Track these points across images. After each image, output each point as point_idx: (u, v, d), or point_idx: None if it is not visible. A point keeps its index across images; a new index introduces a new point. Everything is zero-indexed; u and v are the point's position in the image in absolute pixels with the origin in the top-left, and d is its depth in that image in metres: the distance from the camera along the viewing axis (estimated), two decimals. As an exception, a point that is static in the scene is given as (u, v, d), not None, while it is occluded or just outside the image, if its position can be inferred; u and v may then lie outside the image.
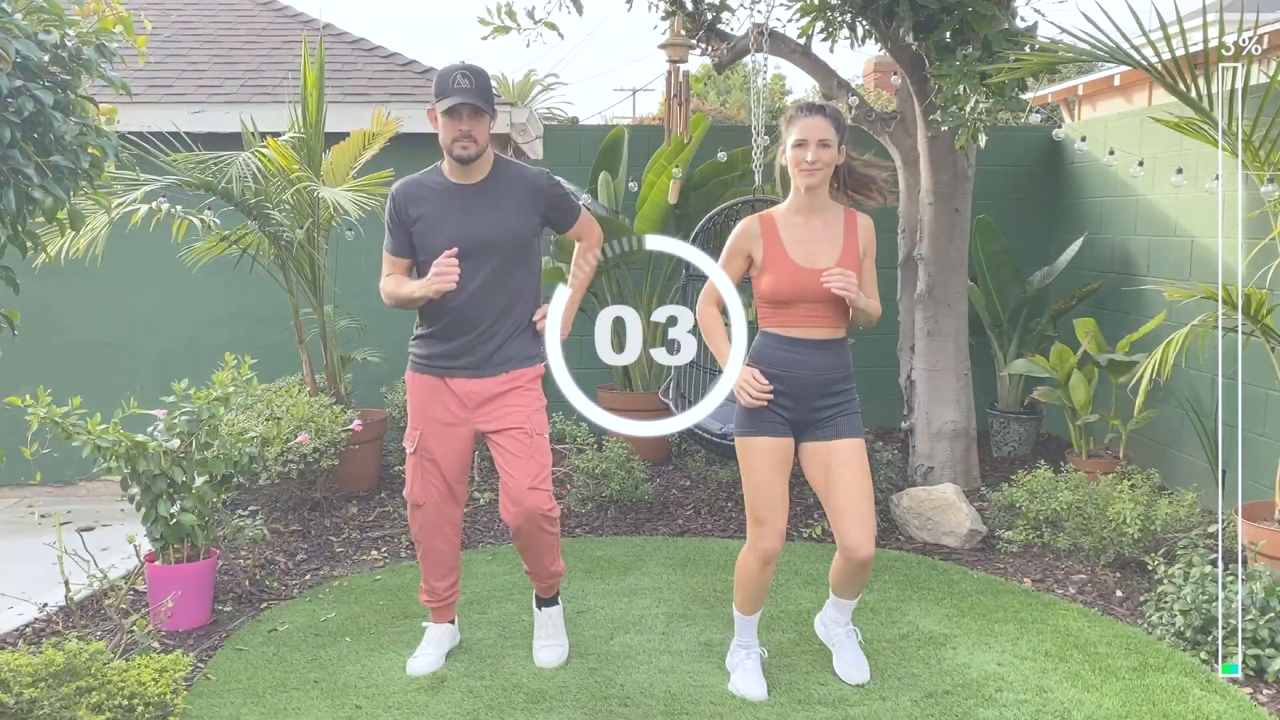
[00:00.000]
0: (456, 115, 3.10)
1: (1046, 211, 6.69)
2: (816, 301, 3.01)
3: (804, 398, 3.05)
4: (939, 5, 4.49)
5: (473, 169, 3.20)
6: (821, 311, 3.03)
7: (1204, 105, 3.81)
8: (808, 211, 3.06)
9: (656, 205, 5.68)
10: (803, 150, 2.98)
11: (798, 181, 3.03)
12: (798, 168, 3.00)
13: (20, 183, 2.74)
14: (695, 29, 5.72)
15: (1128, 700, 3.10)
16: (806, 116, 2.99)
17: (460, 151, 3.13)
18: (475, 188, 3.21)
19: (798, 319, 3.04)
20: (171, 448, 3.68)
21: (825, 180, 3.03)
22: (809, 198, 3.05)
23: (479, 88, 3.11)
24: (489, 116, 3.16)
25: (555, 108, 20.15)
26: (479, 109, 3.11)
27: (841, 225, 3.08)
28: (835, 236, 3.05)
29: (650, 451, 5.84)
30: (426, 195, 3.22)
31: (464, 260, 3.13)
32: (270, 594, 4.06)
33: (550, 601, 3.50)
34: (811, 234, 3.05)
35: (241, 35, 7.39)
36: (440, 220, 3.18)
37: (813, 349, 3.04)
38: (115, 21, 2.99)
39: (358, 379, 6.14)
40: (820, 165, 2.98)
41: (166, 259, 5.88)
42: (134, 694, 2.76)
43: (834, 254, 3.03)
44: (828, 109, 3.03)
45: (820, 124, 2.97)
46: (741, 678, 3.19)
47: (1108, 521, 4.10)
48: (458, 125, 3.11)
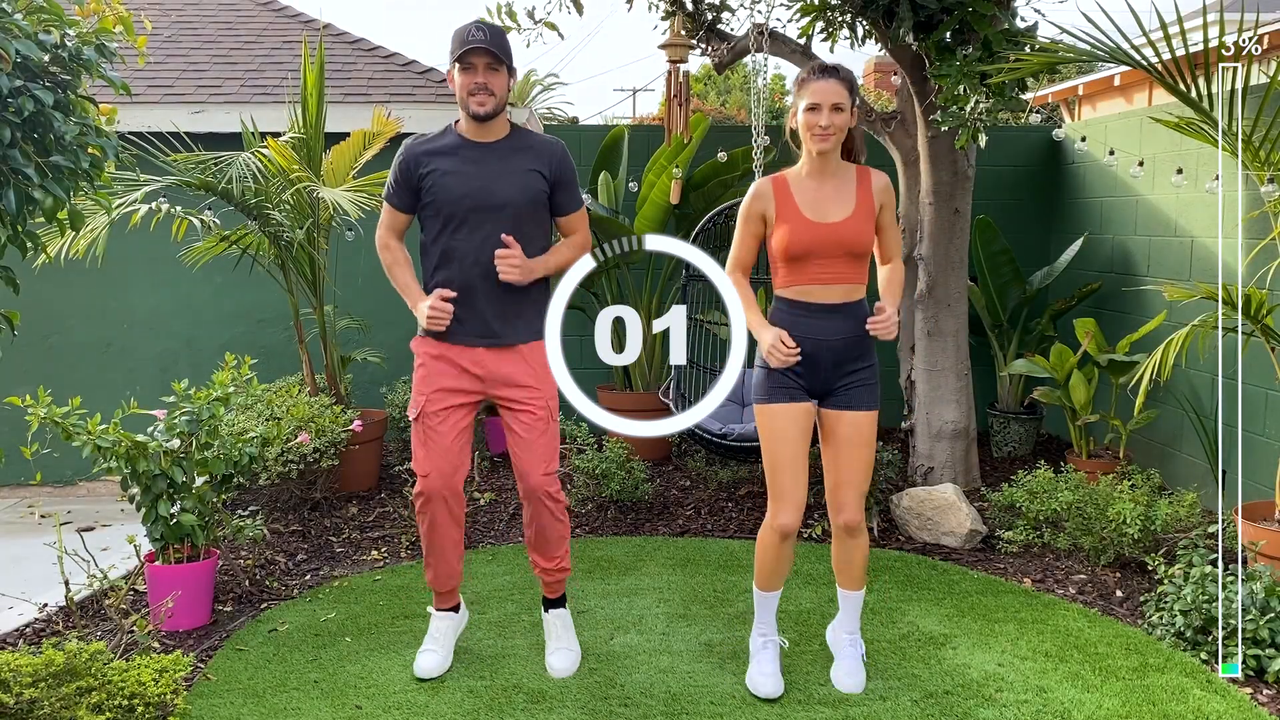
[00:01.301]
0: (472, 67, 3.04)
1: (1046, 211, 6.69)
2: (832, 256, 2.97)
3: (822, 366, 3.02)
4: (939, 5, 4.49)
5: (489, 128, 3.14)
6: (838, 267, 2.99)
7: (1204, 105, 3.82)
8: (820, 175, 3.02)
9: (656, 205, 5.69)
10: (816, 114, 2.92)
11: (810, 146, 2.97)
12: (810, 132, 2.94)
13: (20, 183, 2.74)
14: (695, 29, 5.72)
15: (1128, 700, 3.10)
16: (819, 79, 2.94)
17: (476, 107, 3.06)
18: (491, 145, 3.16)
19: (813, 275, 2.99)
20: (171, 448, 3.68)
21: (838, 145, 2.99)
22: (821, 162, 3.01)
23: (494, 39, 3.06)
24: (507, 72, 3.11)
25: (555, 108, 20.14)
26: (495, 60, 3.05)
27: (854, 183, 3.04)
28: (848, 194, 3.01)
29: (650, 451, 5.85)
30: (439, 150, 3.16)
31: (477, 217, 3.10)
32: (270, 594, 4.06)
33: (557, 603, 3.48)
34: (824, 194, 3.01)
35: (241, 35, 7.39)
36: (454, 174, 3.12)
37: (830, 314, 3.00)
38: (115, 21, 2.99)
39: (358, 379, 6.15)
40: (834, 130, 2.93)
41: (166, 259, 5.88)
42: (134, 694, 2.76)
43: (846, 209, 2.99)
44: (841, 71, 2.97)
45: (834, 87, 2.92)
46: (755, 671, 3.20)
47: (1108, 522, 4.10)
48: (473, 77, 3.05)
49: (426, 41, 61.52)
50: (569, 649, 3.38)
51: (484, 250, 3.12)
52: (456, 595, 3.48)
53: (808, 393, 3.07)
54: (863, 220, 3.00)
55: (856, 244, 2.99)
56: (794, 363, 2.98)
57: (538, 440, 3.24)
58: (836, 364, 3.03)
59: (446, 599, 3.44)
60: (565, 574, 3.46)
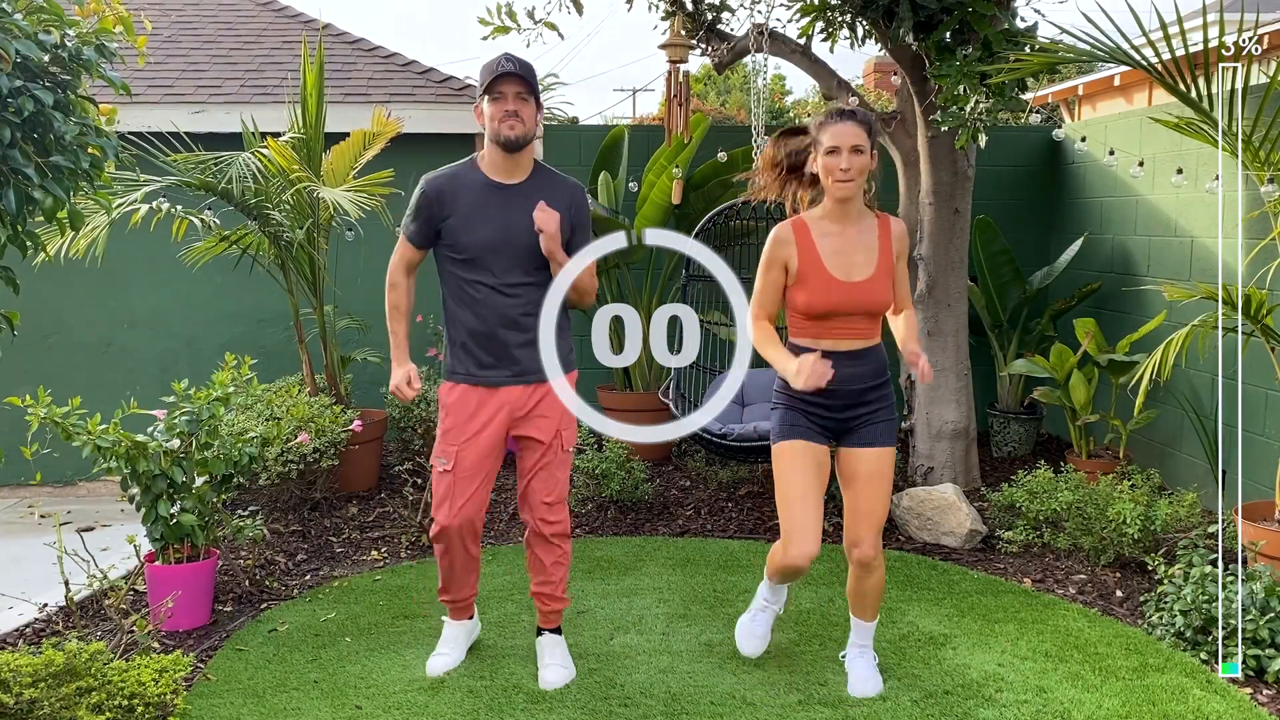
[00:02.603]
0: (502, 96, 3.03)
1: (1046, 211, 6.69)
2: (853, 315, 2.96)
3: (838, 408, 3.02)
4: (939, 5, 4.49)
5: (515, 164, 3.12)
6: (857, 324, 2.98)
7: (1204, 105, 3.82)
8: (841, 220, 2.99)
9: (656, 205, 5.69)
10: (836, 158, 2.89)
11: (832, 192, 2.94)
12: (831, 177, 2.91)
13: (20, 183, 2.74)
14: (695, 29, 5.72)
15: (1128, 700, 3.10)
16: (838, 123, 2.90)
17: (507, 131, 3.04)
18: (514, 188, 3.14)
19: (832, 332, 2.99)
20: (171, 448, 3.67)
21: (859, 190, 2.95)
22: (843, 208, 2.97)
23: (524, 70, 3.06)
24: (535, 103, 3.10)
25: (555, 108, 20.12)
26: (525, 88, 3.05)
27: (875, 233, 3.01)
28: (870, 245, 2.99)
29: (650, 452, 5.85)
30: (462, 192, 3.13)
31: (499, 260, 3.10)
32: (270, 594, 4.06)
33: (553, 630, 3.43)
34: (846, 243, 2.98)
35: (241, 35, 7.39)
36: (476, 218, 3.11)
37: (847, 360, 2.98)
38: (115, 21, 2.99)
39: (358, 379, 6.14)
40: (854, 173, 2.90)
41: (166, 259, 5.88)
42: (134, 694, 2.76)
43: (870, 264, 2.97)
44: (859, 114, 2.93)
45: (852, 129, 2.89)
46: (745, 624, 3.34)
47: (1108, 522, 4.10)
48: (504, 106, 3.04)
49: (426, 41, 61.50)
50: (562, 665, 3.32)
51: (506, 292, 3.12)
52: (472, 608, 3.49)
53: (825, 432, 3.06)
54: (884, 279, 2.99)
55: (877, 304, 2.99)
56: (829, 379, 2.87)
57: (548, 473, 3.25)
58: (853, 400, 3.03)
59: (461, 612, 3.45)
60: (562, 605, 3.40)
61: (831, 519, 4.81)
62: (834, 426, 3.06)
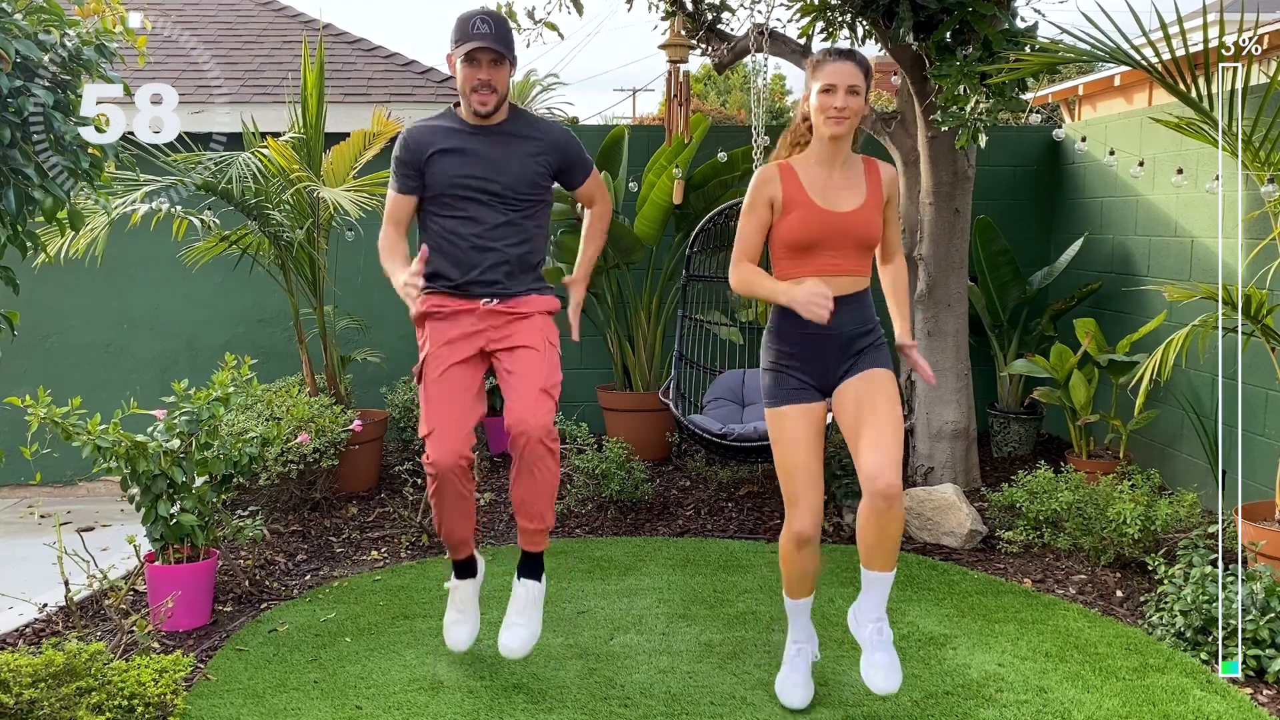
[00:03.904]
0: (476, 62, 3.05)
1: (1046, 211, 6.69)
2: (841, 247, 2.88)
3: (829, 357, 2.92)
4: (939, 5, 4.49)
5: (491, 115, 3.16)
6: (845, 259, 2.89)
7: (1204, 105, 3.81)
8: (829, 163, 2.91)
9: (656, 205, 5.69)
10: (831, 96, 2.82)
11: (824, 130, 2.86)
12: (825, 114, 2.82)
13: (20, 183, 2.74)
14: (695, 29, 5.72)
15: (1128, 701, 3.10)
16: (835, 61, 2.84)
17: (479, 105, 3.09)
18: (493, 128, 3.17)
19: (820, 266, 2.88)
20: (171, 448, 3.67)
21: (852, 130, 2.89)
22: (833, 148, 2.88)
23: (499, 34, 3.06)
24: (509, 65, 3.12)
25: (555, 108, 20.10)
26: (499, 56, 3.06)
27: (863, 174, 2.95)
28: (858, 184, 2.92)
29: (650, 452, 5.85)
30: (441, 132, 3.17)
31: (475, 200, 3.12)
32: (270, 594, 4.06)
33: (533, 572, 3.25)
34: (833, 180, 2.91)
35: (241, 35, 7.39)
36: (457, 155, 3.13)
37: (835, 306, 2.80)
38: (115, 22, 2.99)
39: (358, 379, 6.14)
40: (849, 112, 2.83)
41: (166, 259, 5.89)
42: (134, 694, 2.76)
43: (857, 199, 2.89)
44: (856, 55, 2.87)
45: (849, 69, 2.83)
46: (784, 678, 3.11)
47: (1108, 522, 4.09)
48: (476, 74, 3.06)
49: (426, 41, 61.45)
50: (526, 626, 3.17)
51: (483, 233, 3.14)
52: (471, 547, 3.34)
53: (818, 390, 2.97)
54: (873, 211, 2.92)
55: (866, 235, 2.90)
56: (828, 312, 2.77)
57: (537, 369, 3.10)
58: (842, 351, 2.93)
59: (461, 550, 3.33)
60: (547, 529, 3.22)
61: (831, 519, 4.81)
62: (828, 380, 2.96)
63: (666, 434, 5.86)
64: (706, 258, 5.78)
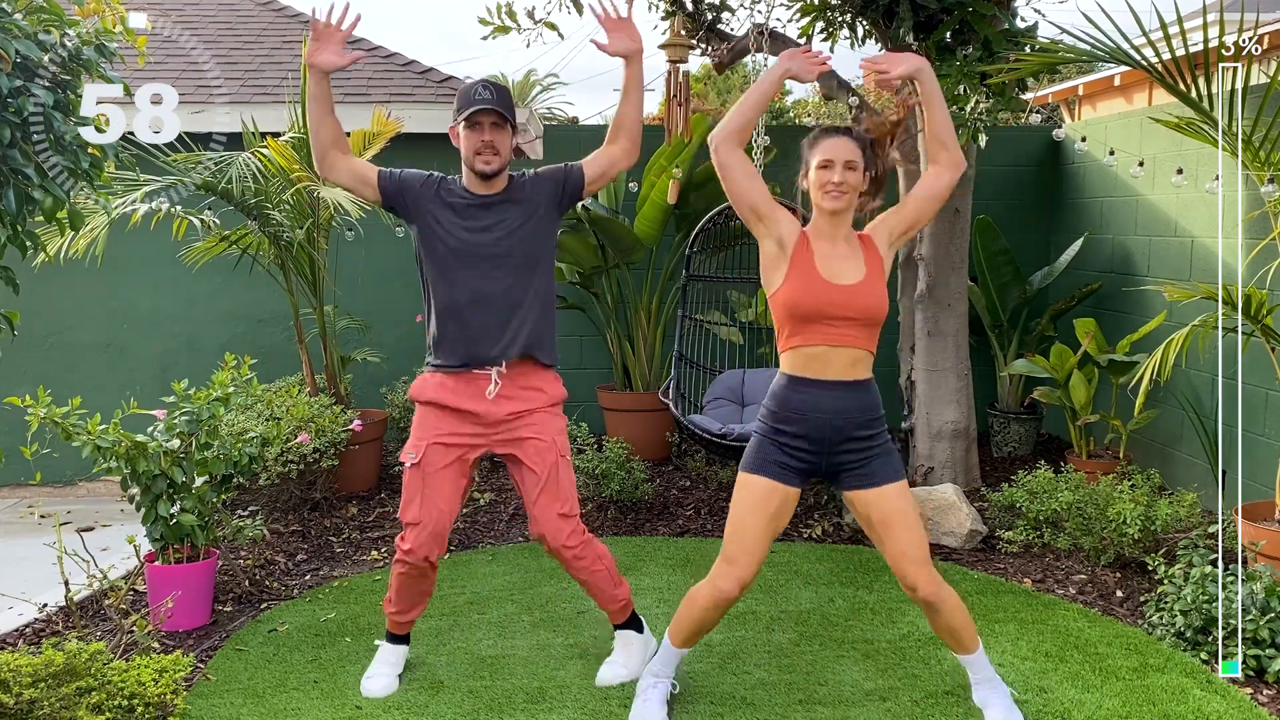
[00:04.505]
0: (478, 126, 3.08)
1: (1046, 211, 6.69)
2: (843, 319, 2.84)
3: (825, 443, 2.85)
4: (939, 5, 4.49)
5: (491, 183, 3.17)
6: (849, 332, 2.84)
7: (1204, 105, 3.82)
8: (832, 237, 2.90)
9: (656, 205, 5.69)
10: (829, 171, 2.83)
11: (823, 205, 2.86)
12: (823, 189, 2.84)
13: (20, 183, 2.74)
14: (695, 29, 5.73)
15: (1128, 700, 3.10)
16: (831, 138, 2.86)
17: (483, 166, 3.10)
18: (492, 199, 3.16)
19: (825, 336, 2.83)
20: (171, 448, 3.68)
21: (851, 205, 2.88)
22: (833, 222, 2.87)
23: (500, 99, 3.10)
24: (510, 130, 3.14)
25: (555, 108, 20.13)
26: (501, 119, 3.09)
27: (860, 248, 2.92)
28: (858, 258, 2.90)
29: (650, 452, 5.85)
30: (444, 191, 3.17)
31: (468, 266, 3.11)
32: (270, 594, 4.06)
33: (624, 624, 3.36)
34: (837, 253, 2.89)
35: (241, 35, 7.39)
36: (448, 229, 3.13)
37: (835, 391, 2.83)
38: (115, 22, 2.99)
39: (358, 379, 6.14)
40: (847, 187, 2.84)
41: (166, 259, 5.89)
42: (134, 694, 2.76)
43: (859, 272, 2.87)
44: (853, 131, 2.89)
45: (846, 145, 2.84)
46: (640, 709, 2.99)
47: (1108, 522, 4.09)
48: (480, 136, 3.08)
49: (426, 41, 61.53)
50: (623, 665, 3.28)
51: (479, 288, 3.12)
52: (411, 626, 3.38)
53: (802, 473, 2.90)
54: (876, 282, 2.88)
55: (870, 308, 2.85)
56: (823, 62, 2.85)
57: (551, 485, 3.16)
58: (839, 439, 2.86)
59: (402, 627, 3.34)
60: (623, 600, 3.32)
61: (831, 519, 4.81)
62: (821, 466, 2.90)
63: (666, 434, 5.86)
64: (706, 258, 5.78)
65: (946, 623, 2.90)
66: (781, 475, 2.87)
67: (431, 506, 3.12)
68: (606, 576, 3.26)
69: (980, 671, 3.00)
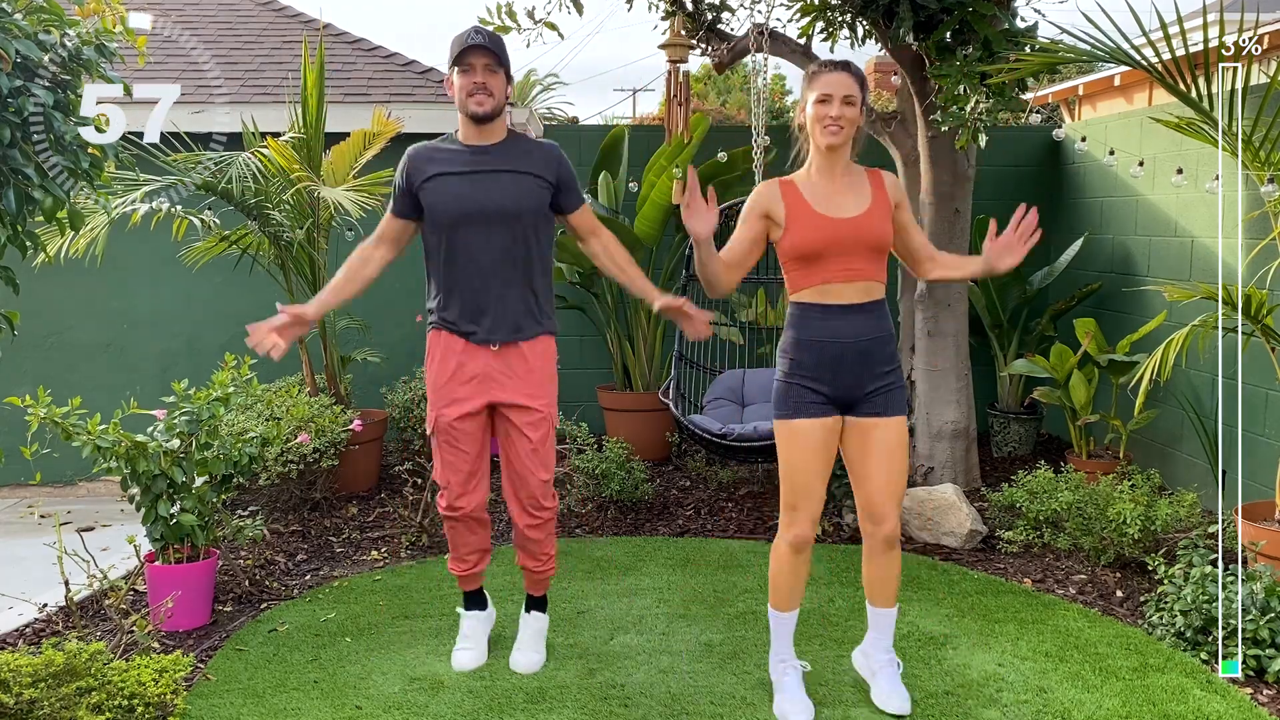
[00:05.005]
0: (470, 68, 3.05)
1: (1046, 211, 6.66)
2: (849, 253, 2.85)
3: (847, 370, 2.88)
4: (939, 5, 4.49)
5: (487, 132, 3.14)
6: (856, 263, 2.85)
7: (1204, 105, 3.82)
8: (829, 173, 2.90)
9: (656, 205, 5.69)
10: (827, 106, 2.83)
11: (820, 140, 2.86)
12: (821, 124, 2.83)
13: (20, 183, 2.75)
14: (695, 29, 5.72)
15: (1128, 700, 3.10)
16: (830, 72, 2.85)
17: (475, 106, 3.06)
18: (491, 149, 3.15)
19: (830, 273, 2.85)
20: (171, 448, 3.68)
21: (848, 140, 2.88)
22: (830, 158, 2.88)
23: (493, 41, 3.07)
24: (504, 75, 3.12)
25: (555, 108, 20.14)
26: (494, 61, 3.06)
27: (867, 181, 2.94)
28: (862, 191, 2.91)
29: (650, 452, 5.85)
30: (439, 155, 3.17)
31: (474, 225, 3.11)
32: (270, 594, 4.06)
33: (539, 604, 3.49)
34: (835, 190, 2.89)
35: (241, 35, 7.39)
36: (453, 182, 3.13)
37: (851, 314, 2.86)
38: (115, 22, 2.99)
39: (358, 379, 6.14)
40: (845, 122, 2.83)
41: (166, 259, 5.88)
42: (134, 694, 2.76)
43: (862, 204, 2.88)
44: (851, 66, 2.88)
45: (845, 80, 2.84)
46: (783, 700, 3.02)
47: (1108, 522, 4.09)
48: (472, 78, 3.05)
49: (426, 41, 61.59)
50: (535, 650, 3.40)
51: (484, 255, 3.13)
52: (481, 578, 3.50)
53: (833, 403, 2.92)
54: (879, 215, 2.89)
55: (875, 237, 2.87)
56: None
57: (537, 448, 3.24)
58: (863, 366, 2.89)
59: (471, 580, 3.47)
60: (550, 573, 3.46)
61: (831, 518, 4.80)
62: (843, 395, 2.92)
63: (666, 434, 5.86)
64: (706, 258, 5.77)
65: (891, 570, 3.00)
66: (817, 410, 2.91)
67: (453, 469, 3.24)
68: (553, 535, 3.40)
69: (886, 631, 3.09)
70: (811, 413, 2.90)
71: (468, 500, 3.27)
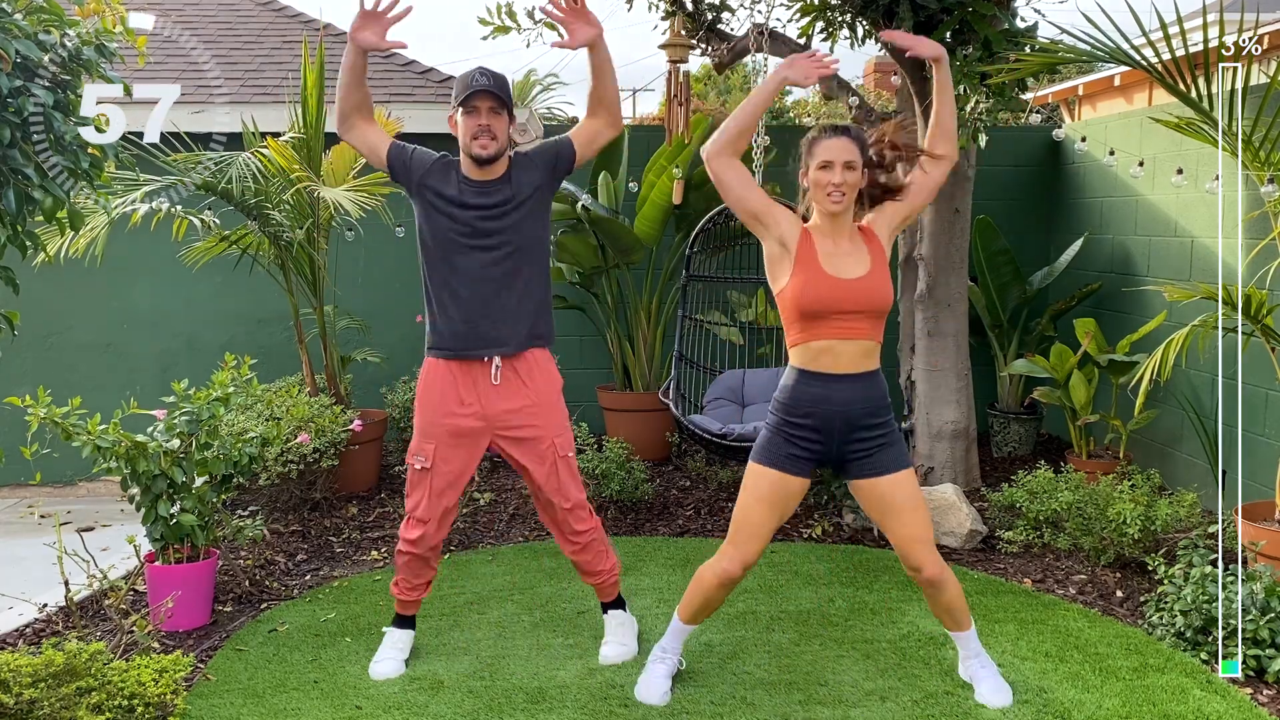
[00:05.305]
0: (475, 111, 3.11)
1: (1046, 211, 6.69)
2: (851, 313, 2.90)
3: (835, 434, 2.95)
4: (939, 5, 4.49)
5: (490, 168, 3.19)
6: (857, 324, 2.92)
7: (1204, 105, 3.82)
8: (834, 235, 2.96)
9: (656, 205, 5.68)
10: (829, 172, 2.88)
11: (825, 208, 2.92)
12: (824, 191, 2.90)
13: (20, 183, 2.74)
14: (695, 29, 5.72)
15: (1128, 701, 3.10)
16: (830, 138, 2.90)
17: (479, 150, 3.12)
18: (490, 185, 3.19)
19: (833, 331, 2.91)
20: (171, 448, 3.68)
21: (850, 205, 2.94)
22: (834, 223, 2.95)
23: (498, 84, 3.13)
24: (508, 116, 3.16)
25: (555, 108, 20.08)
26: (498, 101, 3.11)
27: (863, 242, 2.99)
28: (861, 252, 2.96)
29: (650, 452, 5.85)
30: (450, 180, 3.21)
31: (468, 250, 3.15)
32: (270, 594, 4.06)
33: (614, 604, 3.53)
34: (839, 250, 2.95)
35: (241, 35, 7.39)
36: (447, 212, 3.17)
37: (844, 384, 2.93)
38: (115, 22, 2.99)
39: (358, 379, 6.14)
40: (847, 188, 2.89)
41: (166, 259, 5.88)
42: (134, 694, 2.76)
43: (863, 265, 2.94)
44: (851, 130, 2.94)
45: (845, 145, 2.89)
46: (647, 682, 3.15)
47: (1108, 522, 4.09)
48: (477, 120, 3.11)
49: (426, 41, 61.58)
50: (622, 643, 3.43)
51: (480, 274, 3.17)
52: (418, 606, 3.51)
53: (813, 463, 3.00)
54: (881, 273, 2.95)
55: (878, 301, 2.92)
56: (830, 65, 2.95)
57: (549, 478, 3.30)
58: (849, 429, 2.95)
59: (409, 607, 3.46)
60: (611, 574, 3.49)
61: (831, 518, 4.80)
62: (829, 456, 3.00)
63: (666, 434, 5.86)
64: (706, 258, 5.78)
65: (947, 602, 3.05)
66: (791, 467, 2.98)
67: (435, 506, 3.27)
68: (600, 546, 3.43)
69: (970, 646, 3.17)
70: (786, 468, 2.98)
71: (436, 536, 3.31)
